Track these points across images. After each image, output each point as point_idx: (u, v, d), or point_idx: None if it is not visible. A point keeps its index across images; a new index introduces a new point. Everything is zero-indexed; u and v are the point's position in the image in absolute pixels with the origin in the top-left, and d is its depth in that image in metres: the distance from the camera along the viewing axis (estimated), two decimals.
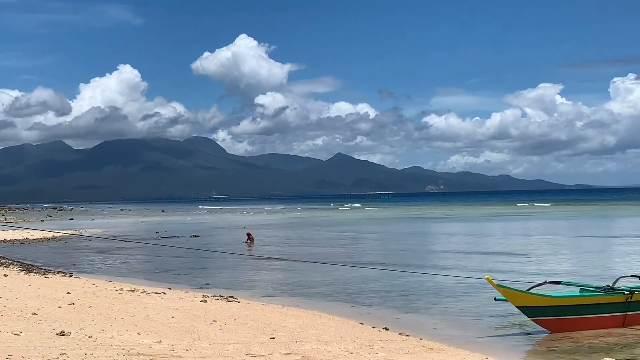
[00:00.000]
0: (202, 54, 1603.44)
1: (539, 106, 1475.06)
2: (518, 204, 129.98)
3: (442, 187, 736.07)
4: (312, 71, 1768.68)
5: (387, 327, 15.28)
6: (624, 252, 34.09)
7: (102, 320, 14.65)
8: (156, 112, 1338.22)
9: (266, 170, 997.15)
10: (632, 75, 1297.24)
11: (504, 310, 16.89)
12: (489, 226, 63.01)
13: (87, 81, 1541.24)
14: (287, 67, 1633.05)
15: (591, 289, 15.94)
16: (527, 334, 15.16)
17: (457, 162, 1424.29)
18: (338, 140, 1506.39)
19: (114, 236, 51.99)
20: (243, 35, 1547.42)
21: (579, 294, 15.75)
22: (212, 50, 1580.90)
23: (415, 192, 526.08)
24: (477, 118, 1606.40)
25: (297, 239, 49.71)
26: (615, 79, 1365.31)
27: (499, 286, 14.96)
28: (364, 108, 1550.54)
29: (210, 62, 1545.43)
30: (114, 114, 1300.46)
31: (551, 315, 14.98)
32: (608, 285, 15.77)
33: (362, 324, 15.95)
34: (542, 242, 41.77)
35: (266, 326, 14.70)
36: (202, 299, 19.35)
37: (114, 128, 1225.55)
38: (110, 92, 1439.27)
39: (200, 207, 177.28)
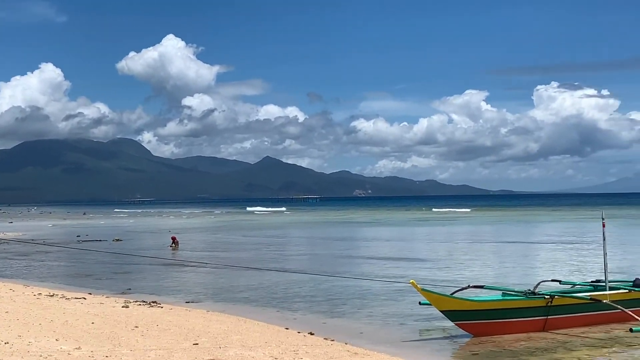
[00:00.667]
0: (128, 54, 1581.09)
1: (465, 112, 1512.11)
2: (434, 209, 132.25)
3: (369, 191, 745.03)
4: (240, 73, 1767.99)
5: (313, 332, 15.22)
6: (544, 257, 34.99)
7: (19, 325, 14.17)
8: (79, 112, 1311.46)
9: (193, 173, 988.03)
10: (555, 84, 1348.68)
11: (429, 315, 17.05)
12: (413, 231, 63.78)
13: (7, 80, 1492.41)
14: (215, 68, 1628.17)
15: (513, 293, 16.25)
16: (451, 338, 15.32)
17: (384, 167, 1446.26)
18: (266, 143, 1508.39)
19: (33, 239, 50.44)
20: (170, 36, 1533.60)
21: (501, 298, 15.98)
22: (138, 50, 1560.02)
23: (343, 197, 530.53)
24: (405, 123, 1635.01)
25: (222, 243, 49.32)
26: (538, 86, 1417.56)
27: (423, 290, 15.07)
28: (293, 111, 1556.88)
29: (136, 62, 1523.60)
30: (35, 114, 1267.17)
31: (474, 319, 15.16)
32: (529, 290, 16.07)
33: (287, 328, 15.85)
34: (465, 247, 42.49)
35: (189, 332, 14.46)
36: (123, 304, 18.91)
37: (35, 128, 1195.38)
38: (31, 91, 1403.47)
39: (116, 210, 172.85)
